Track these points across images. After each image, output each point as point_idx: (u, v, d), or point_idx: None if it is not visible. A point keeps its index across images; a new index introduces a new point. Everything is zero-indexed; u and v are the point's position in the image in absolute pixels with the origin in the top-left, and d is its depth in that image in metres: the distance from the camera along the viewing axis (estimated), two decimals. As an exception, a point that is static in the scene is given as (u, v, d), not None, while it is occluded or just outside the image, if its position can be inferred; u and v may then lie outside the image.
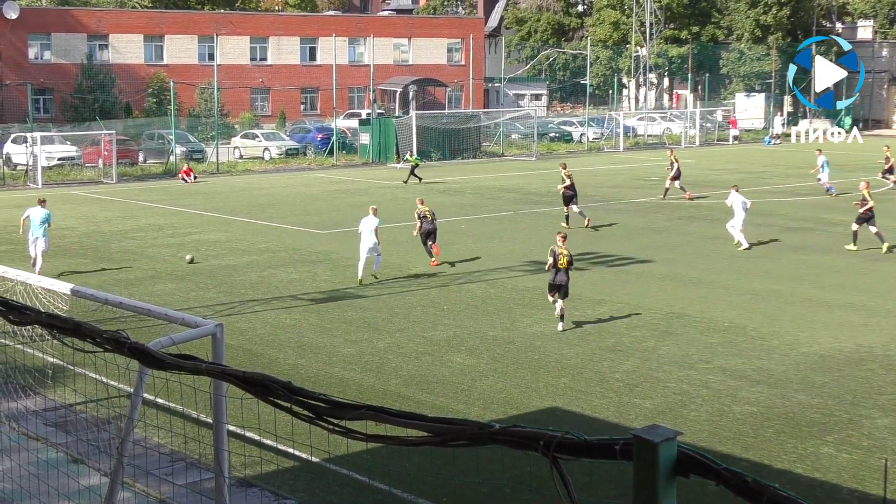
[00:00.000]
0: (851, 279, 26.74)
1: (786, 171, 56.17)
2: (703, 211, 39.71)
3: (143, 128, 64.85)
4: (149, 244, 32.97)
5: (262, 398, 4.29)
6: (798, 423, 15.80)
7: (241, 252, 31.37)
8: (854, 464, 14.21)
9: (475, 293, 25.24)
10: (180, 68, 77.03)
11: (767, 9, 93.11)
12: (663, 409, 16.46)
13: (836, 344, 20.25)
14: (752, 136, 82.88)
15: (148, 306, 11.68)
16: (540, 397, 17.15)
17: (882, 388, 17.52)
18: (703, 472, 3.35)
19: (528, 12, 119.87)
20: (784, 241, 32.82)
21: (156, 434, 14.39)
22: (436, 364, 19.17)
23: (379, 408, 4.02)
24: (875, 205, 31.66)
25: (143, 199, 44.98)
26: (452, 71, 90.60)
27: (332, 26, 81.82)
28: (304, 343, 20.70)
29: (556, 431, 3.58)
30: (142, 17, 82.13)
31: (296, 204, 42.27)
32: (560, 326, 21.49)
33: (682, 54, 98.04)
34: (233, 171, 57.49)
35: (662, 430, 3.46)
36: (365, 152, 62.55)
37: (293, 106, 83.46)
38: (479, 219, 38.01)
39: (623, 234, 34.13)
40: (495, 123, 69.92)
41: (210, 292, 25.64)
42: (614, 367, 18.88)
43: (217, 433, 10.12)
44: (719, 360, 19.23)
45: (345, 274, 27.76)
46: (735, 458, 14.26)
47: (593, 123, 77.47)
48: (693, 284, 26.18)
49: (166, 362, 4.82)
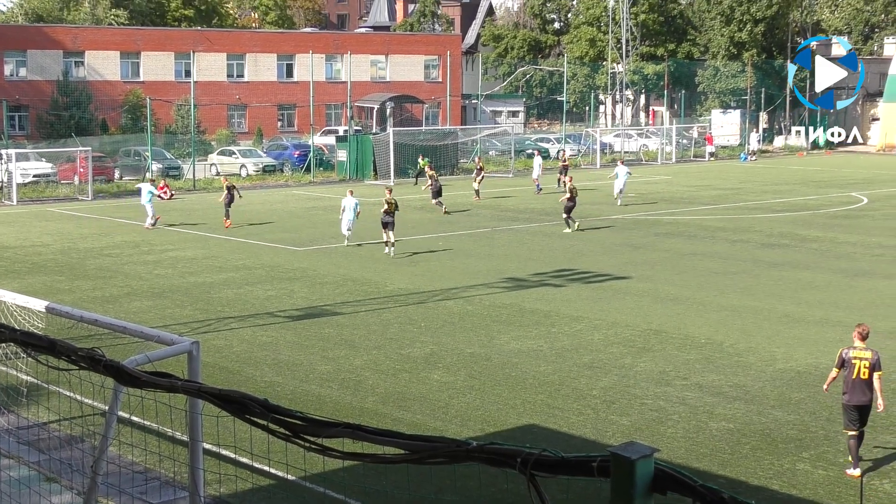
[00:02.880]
0: (829, 295, 26.86)
1: (762, 187, 56.44)
2: (680, 227, 39.85)
3: (119, 144, 64.62)
4: (124, 261, 32.83)
5: (238, 416, 4.27)
6: (774, 439, 15.84)
7: (217, 269, 31.28)
8: (830, 480, 14.24)
9: (452, 310, 25.23)
10: (157, 85, 76.87)
11: (742, 26, 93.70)
12: (640, 426, 16.47)
13: (812, 360, 20.32)
14: (729, 153, 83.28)
15: (123, 324, 11.62)
16: (517, 414, 17.13)
17: (858, 403, 17.57)
18: (680, 488, 3.34)
19: (504, 29, 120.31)
20: (761, 257, 32.95)
21: (130, 452, 14.30)
22: (413, 381, 19.13)
23: (356, 425, 4.01)
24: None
25: (119, 215, 44.81)
26: (430, 88, 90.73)
27: (309, 43, 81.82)
28: (281, 360, 20.63)
29: (533, 448, 3.57)
30: (118, 34, 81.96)
31: (273, 221, 42.18)
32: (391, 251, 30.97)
33: (658, 71, 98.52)
34: (209, 188, 57.30)
35: (639, 447, 3.45)
36: (342, 169, 62.50)
37: (270, 123, 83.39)
38: (456, 235, 38.02)
39: (600, 251, 34.20)
40: (473, 140, 70.02)
41: (186, 309, 25.54)
42: (591, 383, 18.89)
43: (192, 451, 10.07)
44: (696, 377, 19.26)
45: (322, 291, 27.71)
46: (712, 474, 14.28)
47: (570, 140, 77.65)
48: (670, 301, 26.24)
49: (142, 380, 4.80)
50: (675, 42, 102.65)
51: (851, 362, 14.46)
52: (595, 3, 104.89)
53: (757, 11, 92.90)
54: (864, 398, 14.43)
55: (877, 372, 14.44)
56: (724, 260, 32.42)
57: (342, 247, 35.16)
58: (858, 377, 14.42)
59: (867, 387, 14.43)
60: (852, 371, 14.44)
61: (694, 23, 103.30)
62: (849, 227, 39.96)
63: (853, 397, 14.44)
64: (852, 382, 14.45)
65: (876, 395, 14.46)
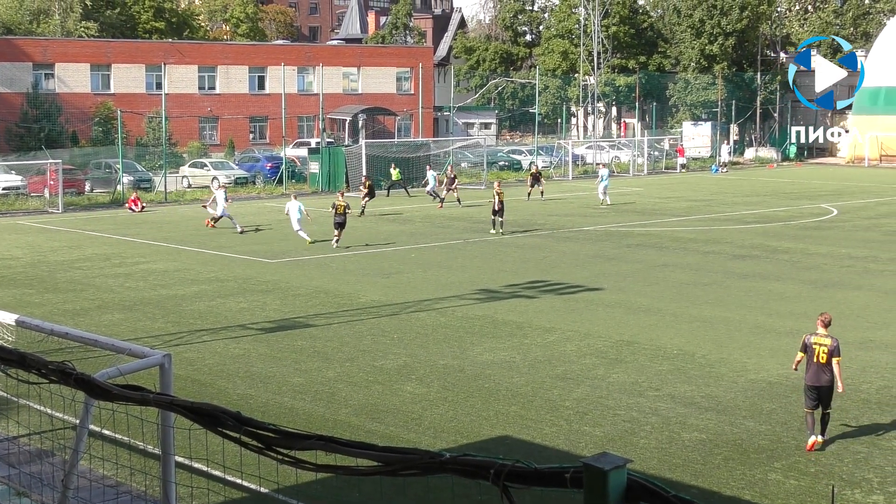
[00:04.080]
0: (799, 306, 27.00)
1: (733, 198, 56.74)
2: (653, 239, 40.00)
3: (89, 157, 64.33)
4: (95, 274, 32.66)
5: (210, 429, 4.25)
6: (746, 449, 15.90)
7: (189, 282, 31.15)
8: (802, 490, 14.31)
9: (425, 322, 25.22)
10: (128, 97, 76.58)
11: (713, 39, 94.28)
12: (613, 437, 16.50)
13: (783, 371, 20.40)
14: (700, 165, 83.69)
15: (94, 337, 11.54)
16: (490, 426, 17.13)
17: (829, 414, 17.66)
18: (653, 499, 3.35)
19: (476, 41, 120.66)
20: (732, 268, 33.11)
21: (102, 466, 14.21)
22: (386, 393, 19.10)
23: (329, 437, 4.00)
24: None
25: (90, 228, 44.58)
26: (402, 100, 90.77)
27: (281, 55, 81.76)
28: (254, 373, 20.56)
29: (507, 460, 3.58)
30: (88, 46, 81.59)
31: (245, 233, 42.06)
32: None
33: (629, 83, 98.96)
34: (181, 201, 57.13)
35: (612, 458, 3.46)
36: (314, 181, 62.43)
37: (242, 135, 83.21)
38: (428, 247, 38.03)
39: (572, 262, 34.28)
40: (445, 152, 70.09)
41: (158, 322, 25.42)
42: (564, 395, 18.91)
43: (164, 465, 10.01)
44: (668, 388, 19.31)
45: (295, 303, 27.65)
46: (684, 485, 14.31)
47: (542, 152, 77.81)
48: (642, 312, 26.31)
49: (113, 393, 4.77)
50: (646, 54, 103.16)
51: (812, 347, 15.97)
52: (566, 15, 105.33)
53: (727, 24, 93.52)
54: (822, 380, 15.87)
55: (835, 357, 15.82)
56: (696, 271, 32.56)
57: (315, 258, 35.13)
58: (817, 361, 15.90)
59: (824, 370, 15.85)
60: (812, 355, 15.94)
61: (665, 35, 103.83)
62: (819, 238, 40.22)
63: (811, 378, 15.94)
64: (812, 365, 15.96)
65: (836, 378, 15.85)
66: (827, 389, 15.88)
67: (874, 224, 44.71)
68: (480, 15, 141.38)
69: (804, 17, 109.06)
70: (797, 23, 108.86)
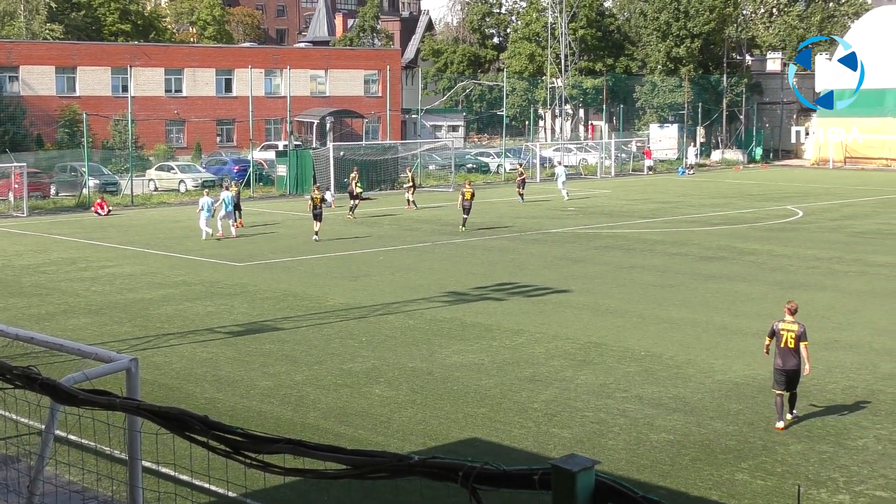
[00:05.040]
0: (765, 307, 27.14)
1: (700, 200, 57.03)
2: (620, 241, 40.13)
3: (55, 160, 63.86)
4: (61, 278, 32.44)
5: (178, 433, 4.23)
6: (713, 450, 15.98)
7: (156, 285, 30.99)
8: (768, 490, 14.39)
9: (394, 324, 25.20)
10: (93, 100, 76.10)
11: (679, 41, 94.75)
12: (581, 439, 16.54)
13: (750, 371, 20.54)
14: (667, 167, 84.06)
15: (60, 341, 11.46)
16: (459, 428, 17.14)
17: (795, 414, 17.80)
18: (621, 500, 3.37)
19: (444, 44, 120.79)
20: (699, 270, 33.27)
21: (67, 471, 14.11)
22: (354, 396, 19.07)
23: (297, 441, 3.99)
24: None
25: (56, 232, 44.28)
26: (370, 102, 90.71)
27: (249, 58, 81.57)
28: (221, 377, 20.48)
29: (475, 462, 3.58)
30: (53, 49, 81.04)
31: (214, 236, 41.86)
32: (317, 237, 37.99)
33: (596, 85, 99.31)
34: (147, 204, 56.85)
35: (580, 460, 3.47)
36: (282, 184, 62.25)
37: (209, 138, 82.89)
38: (397, 250, 38.00)
39: (541, 264, 34.34)
40: (413, 155, 70.06)
41: (125, 326, 25.28)
42: (533, 396, 18.94)
43: (132, 469, 9.94)
44: (636, 389, 19.38)
45: (262, 306, 27.56)
46: (652, 485, 14.37)
47: (510, 154, 77.95)
48: (610, 314, 26.40)
49: (79, 398, 4.74)
50: (613, 57, 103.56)
51: (780, 333, 17.18)
52: (534, 18, 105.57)
53: (693, 27, 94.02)
54: (789, 364, 17.00)
55: (802, 342, 17.06)
56: (663, 273, 32.70)
57: (283, 262, 35.04)
58: (786, 346, 17.07)
59: (792, 354, 17.01)
60: (780, 340, 17.13)
61: (632, 38, 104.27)
62: (785, 239, 40.48)
63: (780, 362, 17.07)
64: (780, 350, 17.12)
65: (803, 361, 17.08)
66: (794, 373, 17.04)
67: (839, 226, 45.05)
68: (448, 17, 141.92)
69: (769, 21, 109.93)
70: (762, 26, 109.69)
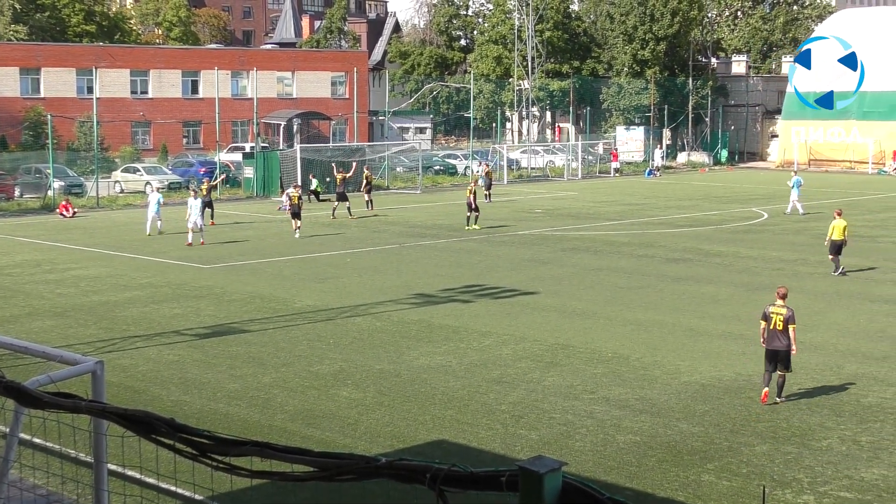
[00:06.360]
0: (731, 309, 27.32)
1: (666, 202, 57.28)
2: (587, 243, 40.25)
3: (19, 162, 63.34)
4: (26, 280, 32.19)
5: (144, 436, 4.22)
6: (680, 451, 16.05)
7: (122, 287, 30.82)
8: (734, 490, 14.48)
9: (361, 326, 25.17)
10: (58, 101, 75.53)
11: (644, 44, 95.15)
12: (549, 440, 16.58)
13: (715, 373, 20.66)
14: (633, 169, 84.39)
15: (25, 344, 11.37)
16: (427, 430, 17.14)
17: (760, 415, 17.93)
18: (588, 501, 3.38)
19: (411, 46, 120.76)
20: (666, 271, 33.41)
21: (32, 475, 14.01)
22: (322, 398, 19.04)
23: (264, 443, 3.98)
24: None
25: (20, 234, 43.94)
26: (337, 104, 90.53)
27: (215, 60, 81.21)
28: (188, 379, 20.39)
29: (443, 464, 3.58)
30: (17, 50, 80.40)
31: (179, 238, 41.67)
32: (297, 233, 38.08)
33: (563, 88, 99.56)
34: (113, 206, 56.52)
35: (547, 461, 3.48)
36: (249, 186, 62.05)
37: (175, 139, 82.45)
38: (364, 252, 37.95)
39: (508, 266, 34.39)
40: (380, 157, 69.99)
41: (90, 329, 25.12)
42: (500, 398, 18.97)
43: (97, 473, 9.88)
44: (603, 391, 19.45)
45: (229, 308, 27.46)
46: (619, 487, 14.42)
47: (477, 156, 78.01)
48: (577, 316, 26.47)
49: (44, 401, 4.71)
50: (579, 59, 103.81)
51: (770, 316, 18.65)
52: (501, 20, 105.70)
53: (659, 30, 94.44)
54: (777, 345, 18.43)
55: (791, 325, 18.49)
56: (630, 275, 32.82)
57: (250, 264, 34.93)
58: (774, 328, 18.53)
59: (780, 336, 18.44)
60: (770, 323, 18.58)
61: (598, 40, 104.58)
62: (750, 241, 40.72)
63: (769, 343, 18.53)
64: (769, 332, 18.59)
65: (791, 342, 18.51)
66: (784, 353, 18.43)
67: (804, 228, 45.36)
68: (415, 19, 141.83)
69: (734, 23, 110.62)
70: (727, 28, 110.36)
